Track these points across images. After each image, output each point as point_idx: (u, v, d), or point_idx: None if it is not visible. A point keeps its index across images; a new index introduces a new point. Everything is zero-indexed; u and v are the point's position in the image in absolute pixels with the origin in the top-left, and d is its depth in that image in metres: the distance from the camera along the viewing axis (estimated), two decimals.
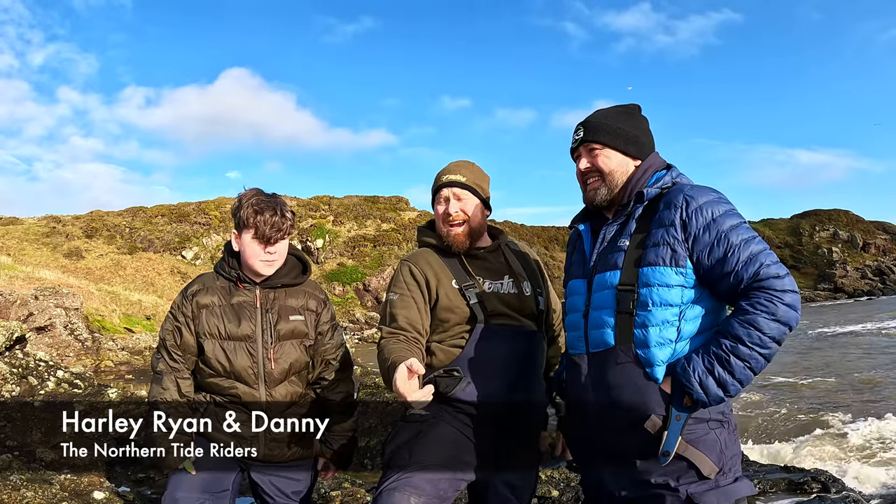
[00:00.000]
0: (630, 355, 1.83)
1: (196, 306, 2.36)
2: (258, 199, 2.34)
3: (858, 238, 61.61)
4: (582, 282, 2.00)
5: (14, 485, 3.28)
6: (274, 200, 2.35)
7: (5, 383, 5.88)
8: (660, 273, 1.80)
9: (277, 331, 2.36)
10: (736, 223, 1.79)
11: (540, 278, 2.45)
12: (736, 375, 1.72)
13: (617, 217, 1.96)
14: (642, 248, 1.85)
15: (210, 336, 2.34)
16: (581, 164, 2.03)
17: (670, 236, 1.80)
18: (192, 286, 2.43)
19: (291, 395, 2.41)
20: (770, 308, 1.70)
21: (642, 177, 1.97)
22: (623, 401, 1.83)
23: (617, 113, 2.05)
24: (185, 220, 36.58)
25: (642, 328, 1.81)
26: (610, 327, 1.86)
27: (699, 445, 1.78)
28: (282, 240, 2.34)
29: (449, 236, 2.33)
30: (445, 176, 2.39)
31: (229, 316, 2.35)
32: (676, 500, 1.77)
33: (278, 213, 2.31)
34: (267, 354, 2.33)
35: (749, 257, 1.74)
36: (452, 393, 2.19)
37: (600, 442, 1.91)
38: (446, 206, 2.34)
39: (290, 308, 2.41)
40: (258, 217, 2.28)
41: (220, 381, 2.37)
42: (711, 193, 1.84)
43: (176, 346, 2.37)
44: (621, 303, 1.84)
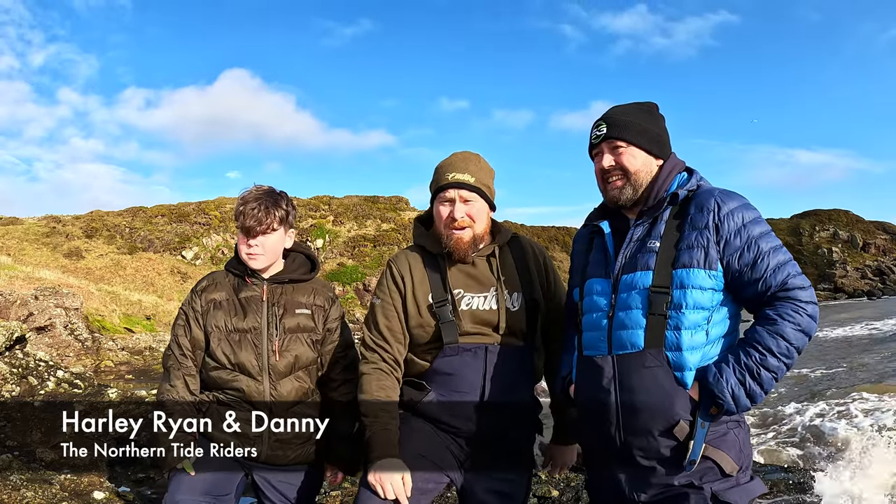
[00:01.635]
0: (660, 359, 1.81)
1: (205, 301, 2.38)
2: (251, 191, 2.35)
3: (858, 238, 61.58)
4: (605, 282, 1.94)
5: (14, 485, 3.28)
6: (266, 196, 2.34)
7: (5, 383, 5.88)
8: (694, 275, 1.79)
9: (283, 324, 2.35)
10: (766, 230, 1.81)
11: (545, 283, 2.33)
12: (764, 386, 1.75)
13: (644, 217, 1.93)
14: (675, 249, 1.83)
15: (216, 329, 2.34)
16: (604, 161, 1.97)
17: (704, 239, 1.80)
18: (201, 282, 2.46)
19: (297, 391, 2.37)
20: (796, 318, 1.73)
21: (668, 178, 1.95)
22: (650, 405, 1.80)
23: (639, 110, 2.00)
24: (185, 220, 36.56)
25: (675, 331, 1.80)
26: (641, 328, 1.83)
27: (721, 445, 1.80)
28: (263, 234, 2.32)
29: (451, 241, 2.17)
30: (451, 174, 2.19)
31: (236, 309, 2.36)
32: (701, 498, 1.77)
33: (262, 207, 2.30)
34: (272, 347, 2.32)
35: (777, 265, 1.77)
36: (416, 405, 2.20)
37: (620, 445, 1.86)
38: (451, 208, 2.17)
39: (297, 303, 2.40)
40: (242, 208, 2.31)
41: (225, 375, 2.34)
42: (741, 199, 1.86)
43: (186, 341, 2.38)
44: (654, 304, 1.81)
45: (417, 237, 2.34)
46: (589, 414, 1.98)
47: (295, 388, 2.36)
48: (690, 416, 1.79)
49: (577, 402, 2.07)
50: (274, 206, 2.33)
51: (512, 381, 2.21)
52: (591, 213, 2.13)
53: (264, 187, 2.40)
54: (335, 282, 32.64)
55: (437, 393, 2.19)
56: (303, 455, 2.41)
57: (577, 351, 2.04)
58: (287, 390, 2.35)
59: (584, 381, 1.99)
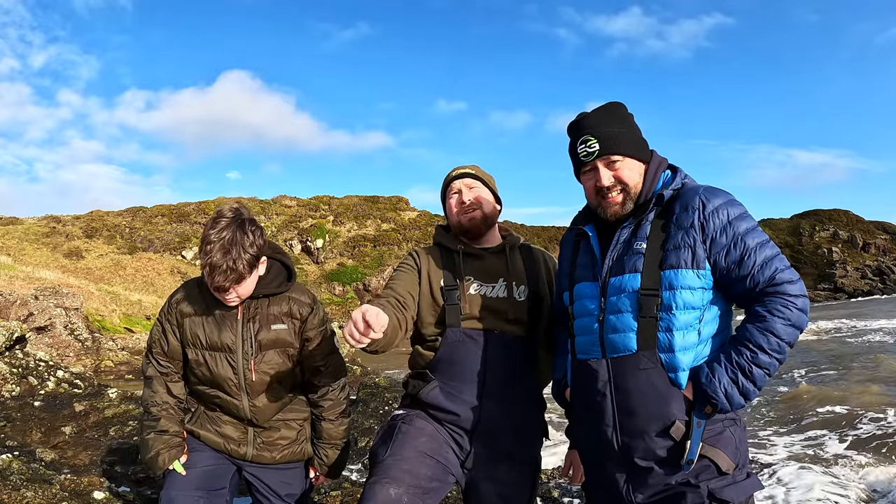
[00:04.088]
0: (654, 360, 1.81)
1: (180, 315, 2.33)
2: (213, 238, 2.11)
3: (858, 238, 61.58)
4: (593, 285, 1.94)
5: (14, 485, 3.28)
6: (230, 243, 2.11)
7: (5, 383, 5.88)
8: (682, 276, 1.78)
9: (259, 341, 2.30)
10: (751, 226, 1.80)
11: (551, 284, 2.40)
12: (757, 384, 1.75)
13: (628, 219, 1.92)
14: (662, 250, 1.83)
15: (192, 345, 2.31)
16: (603, 179, 1.92)
17: (690, 238, 1.79)
18: (176, 294, 2.39)
19: (276, 403, 2.38)
20: (786, 313, 1.72)
21: (654, 178, 1.95)
22: (646, 407, 1.80)
23: (617, 117, 1.98)
24: (185, 220, 36.58)
25: (667, 332, 1.80)
26: (632, 331, 1.83)
27: (717, 443, 1.80)
28: (235, 287, 2.16)
29: (465, 223, 2.35)
30: (455, 171, 2.45)
31: (210, 326, 2.30)
32: (698, 496, 1.77)
33: (229, 260, 2.09)
34: (248, 365, 2.29)
35: (765, 261, 1.76)
36: (420, 395, 2.23)
37: (616, 447, 1.87)
38: (459, 195, 2.38)
39: (273, 317, 2.32)
40: (207, 261, 2.11)
41: (206, 390, 2.37)
42: (725, 195, 1.85)
43: (162, 352, 2.36)
44: (644, 307, 1.80)
45: (437, 237, 2.47)
46: (585, 417, 1.98)
47: (274, 400, 2.37)
48: (686, 416, 1.79)
49: (573, 406, 2.07)
50: (242, 251, 2.11)
51: (513, 370, 2.24)
52: (577, 216, 2.13)
53: (226, 222, 2.15)
54: (335, 282, 32.63)
55: (441, 381, 2.23)
56: (290, 454, 2.46)
57: (571, 355, 2.05)
58: (266, 404, 2.35)
59: (578, 384, 1.99)
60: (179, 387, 2.40)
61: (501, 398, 2.21)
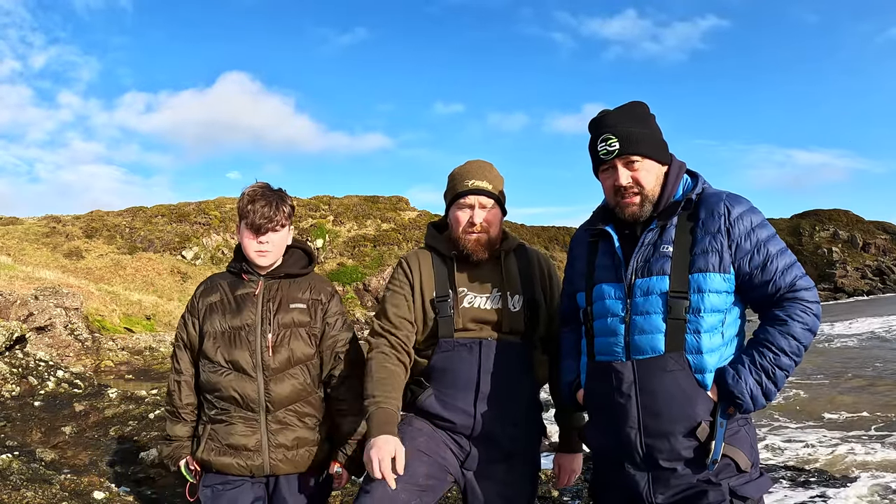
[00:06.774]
0: (681, 362, 1.83)
1: (203, 304, 2.41)
2: (256, 189, 2.36)
3: (858, 238, 61.60)
4: (617, 286, 1.93)
5: (14, 485, 3.28)
6: (271, 192, 2.36)
7: (5, 383, 5.88)
8: (710, 279, 1.82)
9: (277, 320, 2.34)
10: (772, 233, 1.87)
11: (546, 288, 2.37)
12: (778, 385, 1.82)
13: (653, 221, 1.93)
14: (690, 254, 1.86)
15: (212, 328, 2.35)
16: (621, 178, 1.92)
17: (718, 243, 1.84)
18: (201, 286, 2.51)
19: (293, 388, 2.32)
20: (804, 318, 1.80)
21: (675, 182, 1.96)
22: (672, 409, 1.83)
23: (638, 117, 1.96)
24: (185, 220, 36.56)
25: (695, 334, 1.83)
26: (661, 333, 1.84)
27: (735, 442, 1.85)
28: (273, 231, 2.33)
29: (468, 244, 2.25)
30: (471, 181, 2.28)
31: (231, 307, 2.36)
32: (720, 493, 1.81)
33: (272, 204, 2.32)
34: (265, 343, 2.31)
35: (785, 267, 1.82)
36: (416, 402, 2.25)
37: (640, 449, 1.87)
38: (471, 214, 2.26)
39: (293, 297, 2.39)
40: (249, 206, 2.31)
41: (219, 377, 2.31)
42: (747, 202, 1.90)
43: (184, 344, 2.43)
44: (673, 309, 1.83)
45: (429, 239, 2.41)
46: (604, 418, 1.97)
47: (290, 384, 2.33)
48: (710, 417, 1.83)
49: (589, 407, 2.06)
50: (281, 202, 2.35)
51: (508, 378, 2.23)
52: (593, 216, 2.12)
53: (266, 184, 2.41)
54: (335, 282, 32.60)
55: (436, 389, 2.23)
56: (307, 457, 2.35)
57: (587, 356, 2.03)
58: (282, 387, 2.31)
59: (597, 386, 1.98)
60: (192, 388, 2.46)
61: (497, 403, 2.20)
